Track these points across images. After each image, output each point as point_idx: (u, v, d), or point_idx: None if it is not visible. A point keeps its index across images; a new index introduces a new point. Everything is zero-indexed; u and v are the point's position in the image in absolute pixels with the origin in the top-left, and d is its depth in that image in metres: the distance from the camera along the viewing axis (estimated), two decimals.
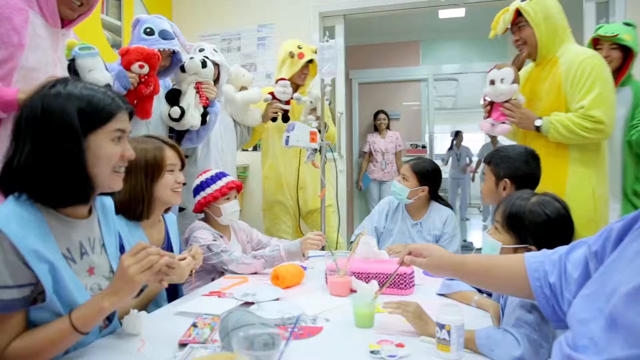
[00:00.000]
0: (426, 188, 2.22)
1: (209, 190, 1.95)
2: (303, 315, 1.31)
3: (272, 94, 2.72)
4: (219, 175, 1.98)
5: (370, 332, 1.19)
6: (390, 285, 1.53)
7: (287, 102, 2.72)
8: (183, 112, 2.23)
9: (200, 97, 2.31)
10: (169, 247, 1.71)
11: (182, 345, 1.09)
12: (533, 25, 1.99)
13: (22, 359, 0.95)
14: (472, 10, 4.79)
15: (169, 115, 2.25)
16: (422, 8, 3.78)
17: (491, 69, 2.05)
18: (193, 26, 4.02)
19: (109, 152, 1.06)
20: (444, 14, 5.18)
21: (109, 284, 1.04)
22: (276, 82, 2.72)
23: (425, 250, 1.15)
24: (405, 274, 1.53)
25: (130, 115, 1.13)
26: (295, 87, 2.84)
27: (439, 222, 2.25)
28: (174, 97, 2.27)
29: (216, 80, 2.70)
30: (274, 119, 2.75)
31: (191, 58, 2.31)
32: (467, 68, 6.37)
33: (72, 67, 1.63)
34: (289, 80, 2.78)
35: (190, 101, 2.28)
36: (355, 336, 1.17)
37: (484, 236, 1.35)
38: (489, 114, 2.10)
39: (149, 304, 1.47)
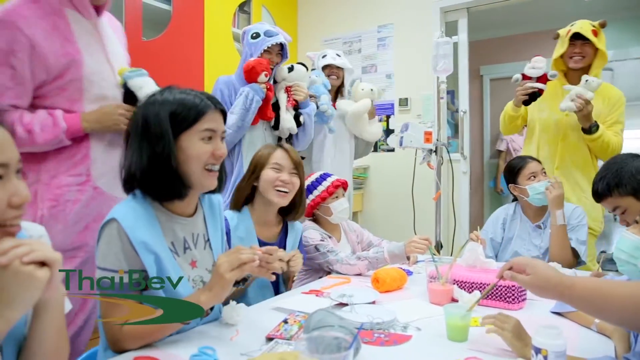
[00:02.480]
0: None
1: (316, 192, 2.00)
2: (395, 321, 1.27)
3: (523, 74, 2.33)
4: (324, 177, 2.02)
5: (462, 347, 1.10)
6: (496, 297, 1.41)
7: (542, 80, 2.29)
8: (277, 119, 2.34)
9: (288, 99, 2.39)
10: (279, 246, 1.77)
11: (270, 339, 1.13)
12: None
13: (135, 338, 1.07)
14: None
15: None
16: None
17: None
18: (316, 31, 4.18)
19: (198, 151, 1.14)
20: None
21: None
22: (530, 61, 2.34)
23: (529, 266, 1.03)
24: (514, 285, 1.40)
25: (224, 115, 1.21)
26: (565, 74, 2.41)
27: None
28: (275, 108, 2.39)
29: (341, 84, 2.78)
30: (526, 102, 2.33)
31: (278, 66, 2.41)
32: (623, 54, 5.54)
33: (127, 91, 1.61)
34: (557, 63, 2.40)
35: (282, 107, 2.38)
36: (444, 349, 1.09)
37: (621, 235, 1.15)
38: None
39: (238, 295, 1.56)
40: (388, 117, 3.91)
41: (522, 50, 5.67)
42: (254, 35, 2.29)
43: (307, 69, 2.49)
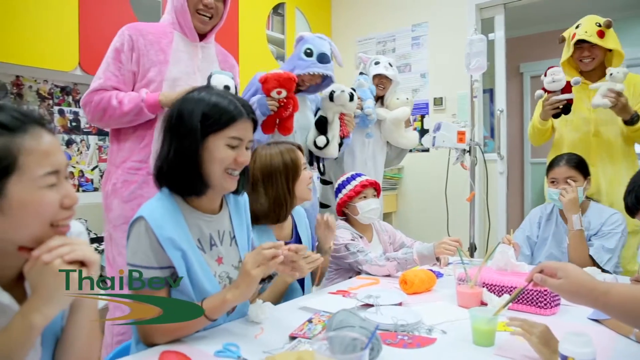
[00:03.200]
0: (590, 179, 2.04)
1: (344, 191, 2.01)
2: (420, 323, 1.26)
3: (543, 88, 2.26)
4: (354, 176, 2.03)
5: (488, 352, 1.08)
6: (528, 301, 1.36)
7: (566, 90, 2.21)
8: (327, 142, 2.28)
9: (341, 128, 2.34)
10: (297, 241, 1.80)
11: (293, 338, 1.15)
12: None
13: (162, 333, 1.11)
14: None
15: (315, 142, 2.30)
16: None
17: None
18: (350, 32, 4.18)
19: (222, 155, 1.17)
20: None
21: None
22: (544, 74, 2.27)
23: (560, 270, 0.99)
24: (547, 289, 1.35)
25: (255, 125, 1.23)
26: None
27: (596, 222, 1.98)
28: (322, 125, 2.32)
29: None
30: (556, 115, 2.25)
31: (342, 91, 2.30)
32: None
33: (209, 83, 1.85)
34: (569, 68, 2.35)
35: (335, 132, 2.32)
36: (468, 353, 1.07)
37: None
38: None
39: (280, 297, 1.59)
40: (422, 116, 3.86)
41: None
42: (308, 52, 2.20)
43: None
